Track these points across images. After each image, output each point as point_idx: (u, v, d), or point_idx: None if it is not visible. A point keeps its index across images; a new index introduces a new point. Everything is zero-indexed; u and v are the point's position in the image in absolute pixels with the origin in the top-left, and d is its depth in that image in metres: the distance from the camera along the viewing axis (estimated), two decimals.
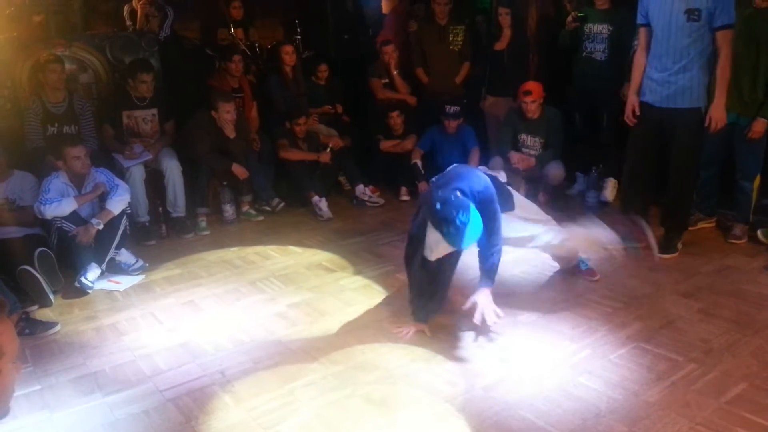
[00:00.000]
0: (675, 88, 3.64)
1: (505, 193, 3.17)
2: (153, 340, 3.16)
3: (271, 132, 5.38)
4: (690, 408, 2.42)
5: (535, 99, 4.77)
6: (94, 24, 6.07)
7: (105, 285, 3.84)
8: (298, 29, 7.08)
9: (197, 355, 2.99)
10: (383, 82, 5.80)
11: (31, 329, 3.23)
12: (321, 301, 3.53)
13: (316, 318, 3.33)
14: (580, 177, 5.23)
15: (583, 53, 4.93)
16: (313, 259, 4.18)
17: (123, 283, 3.87)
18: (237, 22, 6.08)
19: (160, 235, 4.68)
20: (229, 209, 5.00)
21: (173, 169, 4.72)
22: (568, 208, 4.75)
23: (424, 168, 5.30)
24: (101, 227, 3.86)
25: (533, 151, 4.93)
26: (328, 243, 4.45)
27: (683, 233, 4.01)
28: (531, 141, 4.95)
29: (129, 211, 4.14)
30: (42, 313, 3.49)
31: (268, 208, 5.13)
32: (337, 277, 3.87)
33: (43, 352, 3.08)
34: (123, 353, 3.04)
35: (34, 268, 3.58)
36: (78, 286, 3.72)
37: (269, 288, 3.74)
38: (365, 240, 4.49)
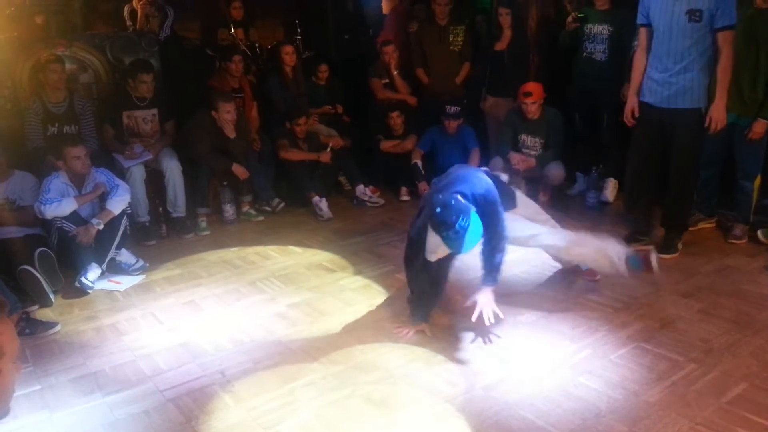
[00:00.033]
0: (676, 89, 3.64)
1: (508, 192, 3.17)
2: (153, 340, 3.16)
3: (271, 132, 5.38)
4: (690, 408, 2.42)
5: (535, 100, 4.76)
6: (95, 24, 6.07)
7: (105, 285, 3.84)
8: (299, 29, 7.09)
9: (197, 355, 2.99)
10: (383, 82, 5.80)
11: (31, 329, 3.23)
12: (321, 301, 3.53)
13: (316, 318, 3.33)
14: (580, 177, 5.23)
15: (584, 54, 4.92)
16: (313, 259, 4.18)
17: (123, 283, 3.87)
18: (237, 22, 6.09)
19: (160, 235, 4.68)
20: (229, 209, 5.00)
21: (173, 169, 4.72)
22: (569, 208, 4.76)
23: (424, 168, 5.30)
24: (101, 227, 3.86)
25: (533, 152, 4.93)
26: (328, 243, 4.45)
27: (683, 233, 4.01)
28: (531, 141, 4.95)
29: (129, 211, 4.15)
30: (42, 313, 3.49)
31: (268, 208, 5.13)
32: (338, 277, 3.87)
33: (44, 352, 3.09)
34: (123, 353, 3.04)
35: (35, 268, 3.58)
36: (78, 286, 3.73)
37: (269, 288, 3.74)
38: (365, 240, 4.49)
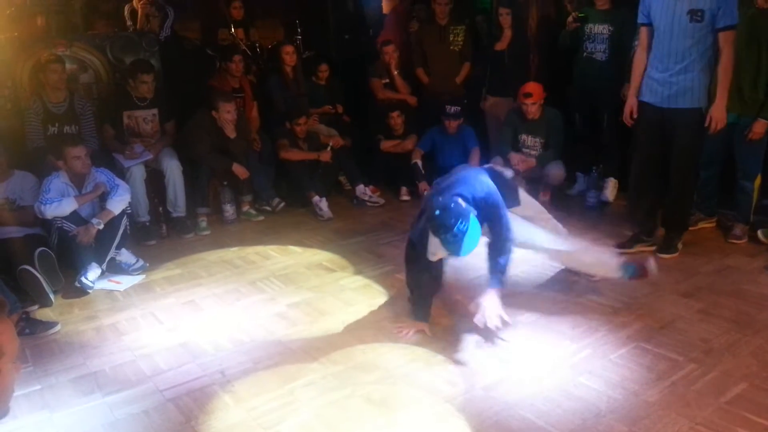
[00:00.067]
0: (676, 89, 3.63)
1: (511, 190, 3.14)
2: (153, 340, 3.16)
3: (271, 132, 5.38)
4: (690, 408, 2.42)
5: (535, 101, 4.76)
6: (95, 24, 6.07)
7: (105, 285, 3.84)
8: (299, 29, 7.09)
9: (197, 355, 2.99)
10: (384, 82, 5.80)
11: (31, 329, 3.23)
12: (321, 301, 3.53)
13: (316, 318, 3.33)
14: (580, 177, 5.23)
15: (584, 53, 4.92)
16: (313, 259, 4.18)
17: (123, 282, 3.87)
18: (237, 22, 6.09)
19: (160, 235, 4.68)
20: (229, 209, 5.00)
21: (174, 169, 4.72)
22: (569, 208, 4.75)
23: (425, 168, 5.30)
24: (101, 227, 3.86)
25: (533, 152, 4.93)
26: (328, 243, 4.45)
27: (684, 233, 4.01)
28: (531, 141, 4.94)
29: (129, 210, 4.15)
30: (42, 313, 3.49)
31: (268, 208, 5.13)
32: (338, 277, 3.87)
33: (43, 351, 3.09)
34: (123, 353, 3.04)
35: (35, 267, 3.58)
36: (78, 285, 3.73)
37: (269, 288, 3.74)
38: (365, 240, 4.49)
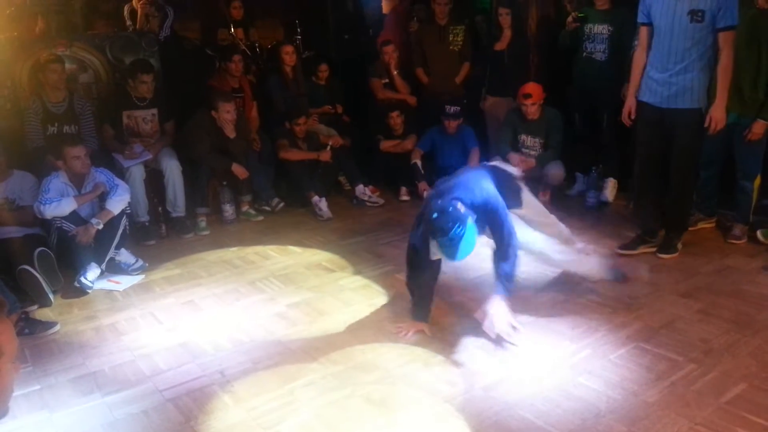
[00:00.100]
0: (676, 89, 3.63)
1: (513, 190, 3.12)
2: (152, 340, 3.16)
3: (271, 132, 5.38)
4: (689, 408, 2.42)
5: (535, 102, 4.76)
6: (95, 24, 6.07)
7: (105, 285, 3.84)
8: (299, 29, 7.08)
9: (197, 355, 2.99)
10: (383, 82, 5.80)
11: (30, 329, 3.23)
12: (321, 301, 3.52)
13: (315, 318, 3.33)
14: (580, 177, 5.23)
15: (584, 53, 4.92)
16: (312, 259, 4.17)
17: (123, 282, 3.87)
18: (237, 22, 6.09)
19: (159, 235, 4.68)
20: (228, 209, 5.00)
21: (173, 169, 4.72)
22: (568, 209, 4.75)
23: (424, 168, 5.31)
24: (101, 227, 3.86)
25: (533, 152, 4.93)
26: (327, 243, 4.45)
27: (683, 233, 4.01)
28: (531, 141, 4.95)
29: (129, 210, 4.15)
30: (41, 313, 3.49)
31: (267, 208, 5.13)
32: (337, 277, 3.87)
33: (43, 351, 3.09)
34: (122, 353, 3.04)
35: (34, 267, 3.58)
36: (77, 285, 3.73)
37: (269, 288, 3.74)
38: (365, 240, 4.49)
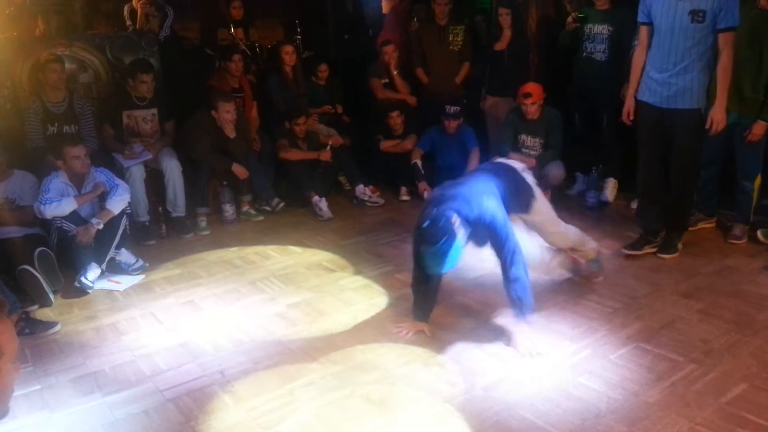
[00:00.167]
0: (675, 89, 3.63)
1: (523, 193, 3.08)
2: (153, 340, 3.16)
3: (271, 132, 5.38)
4: (690, 408, 2.42)
5: (535, 101, 4.75)
6: (96, 24, 6.07)
7: (105, 285, 3.84)
8: (299, 29, 7.08)
9: (197, 355, 2.99)
10: (383, 82, 5.80)
11: (30, 329, 3.23)
12: (321, 301, 3.52)
13: (315, 318, 3.33)
14: (580, 177, 5.23)
15: (584, 53, 4.92)
16: (312, 259, 4.17)
17: (123, 282, 3.87)
18: (237, 22, 6.09)
19: (160, 234, 4.68)
20: (229, 209, 4.99)
21: (173, 169, 4.72)
22: (568, 209, 4.75)
23: (424, 168, 5.30)
24: (101, 227, 3.86)
25: (533, 152, 4.92)
26: (328, 243, 4.45)
27: (683, 233, 4.00)
28: (531, 141, 4.94)
29: (129, 210, 4.15)
30: (42, 313, 3.49)
31: (268, 208, 5.13)
32: (337, 277, 3.87)
33: (43, 351, 3.09)
34: (123, 353, 3.04)
35: (34, 267, 3.58)
36: (78, 285, 3.72)
37: (269, 288, 3.74)
38: (365, 240, 4.49)
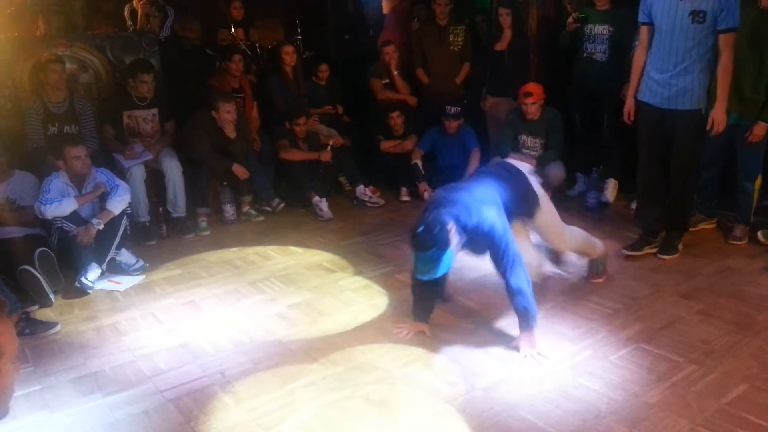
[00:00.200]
0: (676, 90, 3.62)
1: (528, 197, 3.05)
2: (153, 341, 3.16)
3: (271, 132, 5.38)
4: (690, 409, 2.42)
5: (535, 101, 4.76)
6: (96, 24, 6.07)
7: (105, 285, 3.84)
8: (299, 30, 7.09)
9: (197, 356, 2.99)
10: (384, 82, 5.80)
11: (31, 329, 3.23)
12: (321, 302, 3.52)
13: (316, 318, 3.33)
14: (580, 178, 5.23)
15: (584, 54, 4.92)
16: (313, 259, 4.17)
17: (123, 283, 3.87)
18: (237, 22, 6.09)
19: (160, 235, 4.68)
20: (229, 209, 4.99)
21: (173, 170, 4.72)
22: (569, 209, 4.75)
23: (425, 168, 5.31)
24: (101, 227, 3.86)
25: (534, 152, 4.92)
26: (328, 243, 4.45)
27: (684, 234, 4.00)
28: (531, 142, 4.94)
29: (129, 211, 4.14)
30: (42, 313, 3.49)
31: (268, 209, 5.13)
32: (338, 277, 3.87)
33: (43, 352, 3.09)
34: (123, 353, 3.04)
35: (35, 267, 3.58)
36: (78, 286, 3.73)
37: (269, 288, 3.74)
38: (365, 240, 4.49)
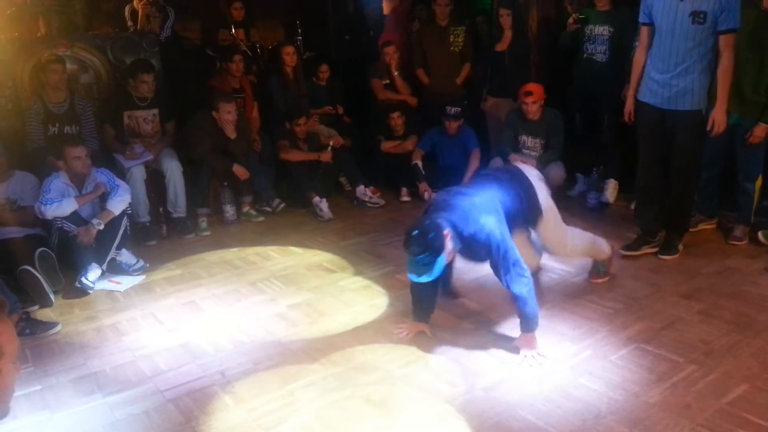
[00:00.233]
0: (676, 90, 3.62)
1: (531, 209, 3.03)
2: (153, 341, 3.16)
3: (271, 132, 5.38)
4: (691, 409, 2.42)
5: (536, 100, 4.75)
6: (97, 24, 6.08)
7: (105, 285, 3.84)
8: (299, 30, 7.10)
9: (197, 356, 2.99)
10: (384, 82, 5.80)
11: (31, 329, 3.23)
12: (321, 302, 3.53)
13: (316, 319, 3.33)
14: (580, 178, 5.23)
15: (584, 55, 4.92)
16: (313, 259, 4.17)
17: (123, 283, 3.87)
18: (238, 22, 6.10)
19: (160, 235, 4.68)
20: (229, 210, 5.00)
21: (174, 170, 4.72)
22: (569, 210, 4.75)
23: (425, 169, 5.31)
24: (102, 227, 3.86)
25: (534, 152, 4.92)
26: (328, 244, 4.45)
27: (684, 234, 4.00)
28: (532, 142, 4.94)
29: (130, 211, 4.15)
30: (42, 313, 3.49)
31: (268, 209, 5.13)
32: (338, 277, 3.87)
33: (44, 352, 3.09)
34: (123, 353, 3.04)
35: (35, 268, 3.58)
36: (78, 286, 3.73)
37: (269, 289, 3.74)
38: (366, 241, 4.49)
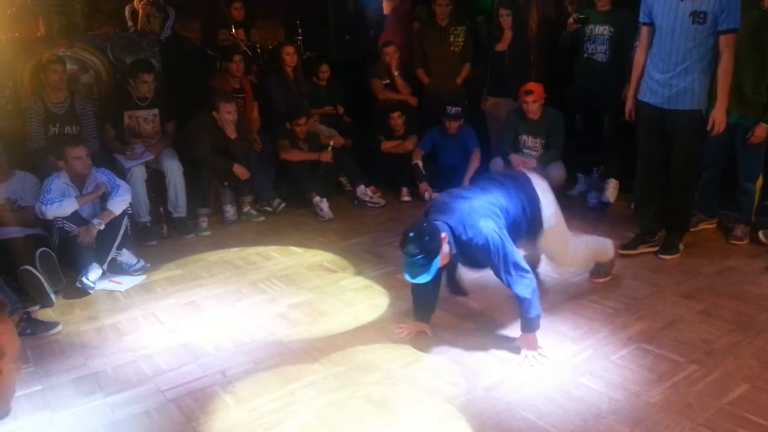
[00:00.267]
0: (676, 90, 3.62)
1: (534, 221, 3.02)
2: (154, 341, 3.16)
3: (272, 132, 5.39)
4: (691, 409, 2.42)
5: (536, 99, 4.75)
6: (97, 24, 6.08)
7: (106, 285, 3.84)
8: (300, 30, 7.10)
9: (198, 356, 2.99)
10: (384, 82, 5.80)
11: (32, 329, 3.23)
12: (322, 302, 3.53)
13: (316, 318, 3.33)
14: (581, 178, 5.23)
15: (584, 54, 4.92)
16: (314, 259, 4.18)
17: (124, 283, 3.87)
18: (238, 22, 6.10)
19: (161, 235, 4.68)
20: (230, 210, 5.00)
21: (174, 170, 4.72)
22: (570, 209, 4.74)
23: (425, 169, 5.31)
24: (102, 227, 3.86)
25: (534, 152, 4.92)
26: (329, 243, 4.45)
27: (685, 234, 4.00)
28: (532, 142, 4.94)
29: (130, 211, 4.14)
30: (43, 314, 3.49)
31: (269, 209, 5.13)
32: (338, 277, 3.87)
33: (45, 352, 3.09)
34: (124, 353, 3.05)
35: (36, 268, 3.58)
36: (79, 286, 3.73)
37: (270, 288, 3.74)
38: (366, 240, 4.49)
